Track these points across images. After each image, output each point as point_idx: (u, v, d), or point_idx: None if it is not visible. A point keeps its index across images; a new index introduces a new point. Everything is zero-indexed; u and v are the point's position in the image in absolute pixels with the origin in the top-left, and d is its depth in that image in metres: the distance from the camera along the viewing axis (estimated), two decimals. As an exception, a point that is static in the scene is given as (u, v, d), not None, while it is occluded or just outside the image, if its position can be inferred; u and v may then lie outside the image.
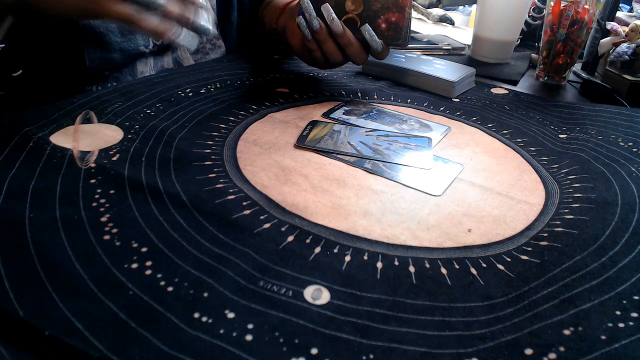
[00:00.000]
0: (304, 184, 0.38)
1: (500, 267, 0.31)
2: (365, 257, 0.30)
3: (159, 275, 0.27)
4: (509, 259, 0.31)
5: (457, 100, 0.61)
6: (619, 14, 0.90)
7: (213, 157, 0.41)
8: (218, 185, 0.37)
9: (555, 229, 0.35)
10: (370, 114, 0.53)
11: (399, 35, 0.51)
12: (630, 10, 1.12)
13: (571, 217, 0.37)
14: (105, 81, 0.57)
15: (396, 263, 0.30)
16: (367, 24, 0.51)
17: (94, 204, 0.33)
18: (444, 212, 0.36)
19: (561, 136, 0.52)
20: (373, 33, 0.51)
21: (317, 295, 0.27)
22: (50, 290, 0.25)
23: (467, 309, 0.27)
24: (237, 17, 0.73)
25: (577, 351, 0.24)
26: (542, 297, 0.28)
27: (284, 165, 0.41)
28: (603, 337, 0.25)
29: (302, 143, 0.44)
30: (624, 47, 0.70)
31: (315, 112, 0.53)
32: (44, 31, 0.54)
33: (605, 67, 0.73)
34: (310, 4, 0.50)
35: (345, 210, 0.35)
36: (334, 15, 0.50)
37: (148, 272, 0.27)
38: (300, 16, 0.51)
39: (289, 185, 0.38)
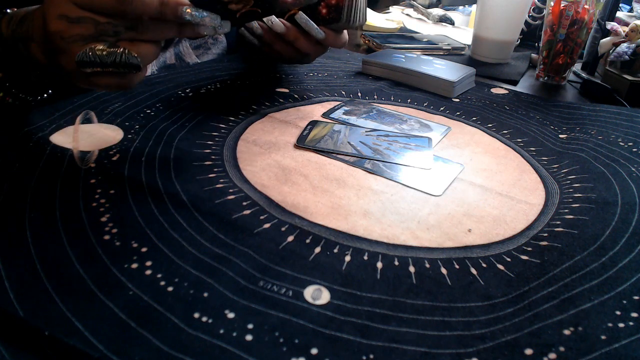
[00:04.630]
0: (304, 184, 0.38)
1: (500, 267, 0.31)
2: (365, 257, 0.30)
3: (159, 275, 0.27)
4: (509, 259, 0.31)
5: (457, 100, 0.61)
6: (619, 14, 0.90)
7: (213, 157, 0.41)
8: (218, 185, 0.37)
9: (555, 229, 0.35)
10: (370, 114, 0.53)
11: (340, 16, 0.51)
12: (630, 10, 1.12)
13: (571, 217, 0.37)
14: None
15: (396, 263, 0.30)
16: (300, 13, 0.51)
17: (94, 204, 0.33)
18: (444, 212, 0.36)
19: (561, 136, 0.52)
20: (307, 19, 0.51)
21: (317, 295, 0.27)
22: (50, 290, 0.25)
23: (467, 309, 0.27)
24: None
25: (577, 351, 0.24)
26: (542, 297, 0.28)
27: (284, 165, 0.41)
28: (603, 337, 0.25)
29: (302, 143, 0.44)
30: (624, 47, 0.70)
31: (315, 112, 0.53)
32: None
33: (605, 67, 0.72)
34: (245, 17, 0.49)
35: (345, 210, 0.35)
36: (273, 17, 0.51)
37: (148, 272, 0.27)
38: (242, 28, 0.51)
39: (289, 185, 0.38)
